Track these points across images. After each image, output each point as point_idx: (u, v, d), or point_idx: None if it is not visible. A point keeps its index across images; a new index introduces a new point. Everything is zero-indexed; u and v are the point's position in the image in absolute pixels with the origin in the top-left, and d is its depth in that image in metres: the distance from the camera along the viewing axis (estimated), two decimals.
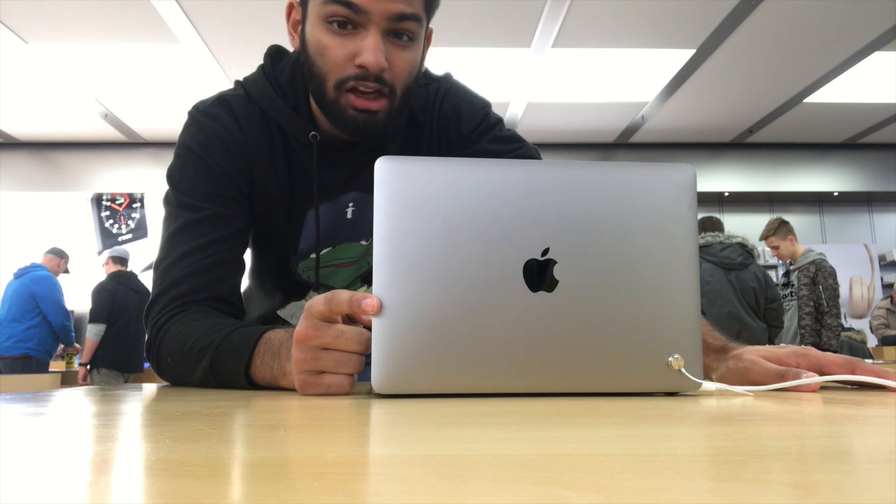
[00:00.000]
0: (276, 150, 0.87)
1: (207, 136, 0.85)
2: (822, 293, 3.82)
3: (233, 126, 0.86)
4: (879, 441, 0.33)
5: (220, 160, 0.84)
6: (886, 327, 5.51)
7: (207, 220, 0.83)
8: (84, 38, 4.38)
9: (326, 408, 0.51)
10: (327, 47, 0.77)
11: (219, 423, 0.42)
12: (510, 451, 0.30)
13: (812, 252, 4.01)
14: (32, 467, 0.27)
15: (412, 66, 0.81)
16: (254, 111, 0.87)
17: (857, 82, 5.19)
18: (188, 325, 0.78)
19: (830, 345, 3.80)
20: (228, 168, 0.85)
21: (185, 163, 0.85)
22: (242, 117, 0.86)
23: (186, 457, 0.30)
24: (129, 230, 6.72)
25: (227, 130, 0.86)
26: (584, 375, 0.57)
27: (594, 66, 4.90)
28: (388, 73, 0.77)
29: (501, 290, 0.55)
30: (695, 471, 0.25)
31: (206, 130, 0.86)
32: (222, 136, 0.85)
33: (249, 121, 0.86)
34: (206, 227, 0.82)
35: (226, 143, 0.85)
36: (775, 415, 0.45)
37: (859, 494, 0.21)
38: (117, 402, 0.61)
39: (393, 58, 0.77)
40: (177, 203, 0.84)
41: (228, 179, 0.85)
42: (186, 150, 0.86)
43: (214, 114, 0.87)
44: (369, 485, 0.23)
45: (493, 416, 0.44)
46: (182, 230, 0.82)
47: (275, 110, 0.86)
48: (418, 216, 0.56)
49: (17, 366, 4.37)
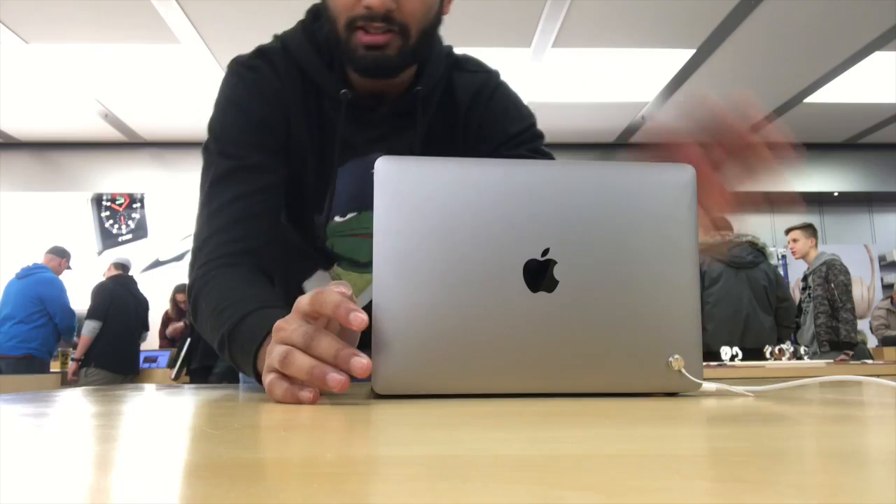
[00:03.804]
0: (310, 104, 0.89)
1: (247, 86, 0.87)
2: (834, 290, 3.88)
3: (272, 77, 0.87)
4: (879, 441, 0.33)
5: (260, 110, 0.86)
6: (886, 327, 5.52)
7: (249, 169, 0.84)
8: (84, 39, 4.38)
9: (326, 408, 0.51)
10: None
11: (219, 424, 0.42)
12: (510, 451, 0.30)
13: (825, 254, 4.07)
14: (32, 467, 0.27)
15: (427, 5, 0.81)
16: (291, 65, 0.88)
17: (857, 82, 5.19)
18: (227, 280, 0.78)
19: (851, 338, 3.84)
20: (267, 118, 0.86)
21: (226, 113, 0.87)
22: (281, 69, 0.88)
23: (187, 457, 0.30)
24: (129, 230, 6.72)
25: (266, 81, 0.87)
26: (584, 375, 0.57)
27: (594, 66, 4.90)
28: (397, 13, 0.78)
29: (502, 291, 0.55)
30: (695, 471, 0.25)
31: (245, 81, 0.87)
32: (262, 87, 0.87)
33: (287, 73, 0.88)
34: (248, 175, 0.83)
35: (265, 94, 0.87)
36: (775, 415, 0.45)
37: (859, 494, 0.21)
38: (117, 402, 0.61)
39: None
40: (218, 151, 0.85)
41: (268, 129, 0.86)
42: (227, 101, 0.87)
43: (254, 65, 0.88)
44: (369, 485, 0.23)
45: (493, 417, 0.44)
46: (224, 177, 0.83)
47: (309, 65, 0.88)
48: (418, 216, 0.56)
49: (20, 366, 4.38)
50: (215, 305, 0.76)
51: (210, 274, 0.79)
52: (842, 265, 3.97)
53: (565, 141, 6.58)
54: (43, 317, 4.52)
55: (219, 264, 0.80)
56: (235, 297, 0.75)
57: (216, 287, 0.78)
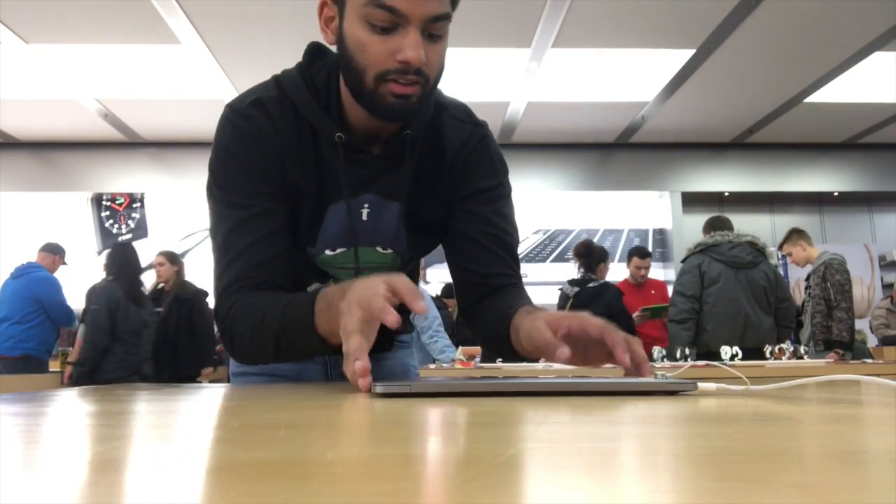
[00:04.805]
0: (305, 147, 0.94)
1: (243, 137, 0.92)
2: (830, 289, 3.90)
3: (266, 126, 0.92)
4: (879, 441, 0.33)
5: (258, 159, 0.91)
6: (886, 327, 5.52)
7: (258, 217, 0.90)
8: (84, 39, 4.38)
9: (326, 408, 0.51)
10: (368, 44, 0.83)
11: (219, 424, 0.42)
12: (510, 451, 0.30)
13: (826, 253, 4.09)
14: (32, 468, 0.27)
15: (442, 58, 0.89)
16: (287, 108, 0.93)
17: (857, 82, 5.19)
18: (257, 299, 0.87)
19: (843, 337, 3.84)
20: (265, 167, 0.92)
21: (227, 163, 0.92)
22: (277, 116, 0.93)
23: (187, 457, 0.30)
24: (129, 230, 6.72)
25: (260, 131, 0.92)
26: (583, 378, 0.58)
27: (594, 66, 4.90)
28: (425, 67, 0.84)
29: None
30: (695, 471, 0.25)
31: (241, 132, 0.92)
32: (257, 137, 0.91)
33: (283, 119, 0.93)
34: (257, 223, 0.90)
35: (261, 144, 0.92)
36: (775, 415, 0.45)
37: (859, 494, 0.21)
38: (117, 402, 0.61)
39: (428, 53, 0.84)
40: (225, 202, 0.92)
41: (267, 177, 0.92)
42: (226, 151, 0.92)
43: (249, 115, 0.92)
44: (369, 485, 0.23)
45: (493, 416, 0.44)
46: (236, 228, 0.90)
47: (306, 108, 0.93)
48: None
49: (17, 366, 4.37)
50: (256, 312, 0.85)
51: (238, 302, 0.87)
52: (840, 265, 3.98)
53: (565, 141, 6.58)
54: (39, 316, 4.51)
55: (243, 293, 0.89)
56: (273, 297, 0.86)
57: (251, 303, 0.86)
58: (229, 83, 5.02)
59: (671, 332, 3.81)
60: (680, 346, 3.55)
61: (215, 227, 0.92)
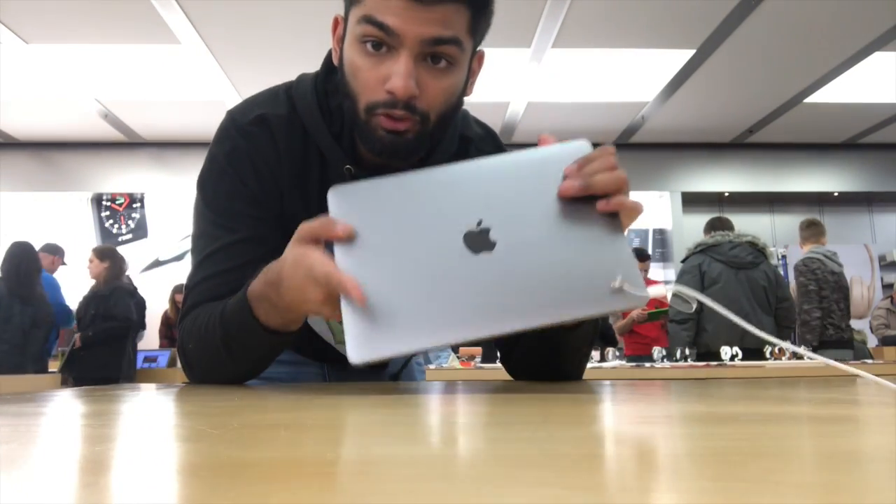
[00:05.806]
0: (310, 175, 0.86)
1: (241, 157, 0.84)
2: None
3: (269, 149, 0.84)
4: (879, 441, 0.33)
5: (253, 183, 0.83)
6: (886, 327, 5.51)
7: (242, 243, 0.83)
8: (84, 39, 4.38)
9: (326, 407, 0.51)
10: (360, 69, 0.75)
11: (219, 423, 0.42)
12: (510, 452, 0.30)
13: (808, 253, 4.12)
14: (30, 468, 0.27)
15: (449, 93, 0.77)
16: (295, 129, 0.85)
17: (857, 82, 5.19)
18: (202, 310, 0.81)
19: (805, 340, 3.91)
20: (259, 191, 0.84)
21: (219, 182, 0.85)
22: (281, 137, 0.84)
23: (186, 457, 0.30)
24: (129, 230, 6.72)
25: (261, 154, 0.84)
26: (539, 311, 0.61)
27: (594, 66, 4.90)
28: (420, 101, 0.74)
29: (450, 258, 0.63)
30: (695, 471, 0.25)
31: (239, 151, 0.84)
32: (256, 161, 0.84)
33: (288, 140, 0.84)
34: (241, 248, 0.83)
35: (257, 167, 0.84)
36: (775, 415, 0.45)
37: (859, 494, 0.21)
38: (116, 402, 0.61)
39: (427, 84, 0.74)
40: (212, 221, 0.84)
41: (259, 202, 0.84)
42: (220, 169, 0.84)
43: (251, 133, 0.84)
44: (369, 485, 0.23)
45: (493, 416, 0.44)
46: (216, 252, 0.83)
47: (317, 133, 0.84)
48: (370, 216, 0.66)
49: None
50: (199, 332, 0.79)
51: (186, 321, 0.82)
52: (804, 265, 4.05)
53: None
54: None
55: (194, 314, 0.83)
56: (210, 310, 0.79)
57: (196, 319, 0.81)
58: (229, 83, 5.02)
59: (671, 332, 3.81)
60: (680, 346, 3.56)
61: (196, 245, 0.85)
